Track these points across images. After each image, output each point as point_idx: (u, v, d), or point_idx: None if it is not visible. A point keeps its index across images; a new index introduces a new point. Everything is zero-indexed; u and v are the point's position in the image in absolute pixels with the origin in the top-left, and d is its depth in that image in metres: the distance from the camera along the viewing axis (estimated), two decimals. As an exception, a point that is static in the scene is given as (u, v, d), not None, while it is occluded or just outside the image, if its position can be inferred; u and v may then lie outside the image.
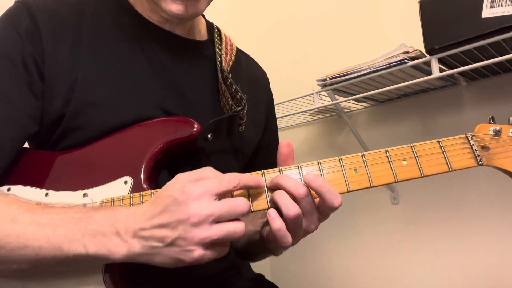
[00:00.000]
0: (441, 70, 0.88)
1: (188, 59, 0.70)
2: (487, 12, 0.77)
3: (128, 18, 0.67)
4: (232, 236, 0.47)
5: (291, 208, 0.50)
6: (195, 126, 0.61)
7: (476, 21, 0.78)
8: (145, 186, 0.57)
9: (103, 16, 0.66)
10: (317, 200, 0.53)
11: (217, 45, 0.74)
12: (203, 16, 0.80)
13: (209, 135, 0.62)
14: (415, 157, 0.55)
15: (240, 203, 0.49)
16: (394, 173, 0.54)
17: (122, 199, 0.55)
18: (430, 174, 0.54)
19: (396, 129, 1.24)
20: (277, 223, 0.50)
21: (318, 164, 0.55)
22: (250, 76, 0.81)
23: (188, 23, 0.71)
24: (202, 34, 0.76)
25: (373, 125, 1.30)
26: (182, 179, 0.49)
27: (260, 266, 0.86)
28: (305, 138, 1.47)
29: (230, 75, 0.69)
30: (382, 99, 1.23)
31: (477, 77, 1.06)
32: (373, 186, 0.54)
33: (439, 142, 0.56)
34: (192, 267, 0.64)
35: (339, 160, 0.55)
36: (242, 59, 0.82)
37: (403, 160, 0.55)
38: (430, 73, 0.88)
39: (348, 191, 0.53)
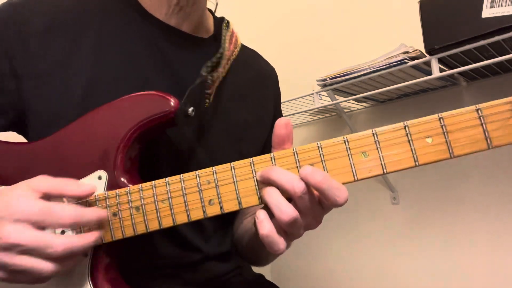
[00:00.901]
0: (441, 70, 0.88)
1: (193, 57, 0.69)
2: (487, 12, 0.77)
3: (134, 14, 0.66)
4: (35, 274, 0.44)
5: (285, 211, 0.42)
6: (172, 100, 0.51)
7: (476, 21, 0.78)
8: (123, 180, 0.50)
9: (107, 11, 0.65)
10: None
11: (224, 38, 0.71)
12: (212, 13, 0.78)
13: (190, 110, 0.54)
14: (443, 132, 0.43)
15: (54, 244, 0.43)
16: (415, 155, 0.43)
17: (98, 200, 0.48)
18: (462, 154, 0.42)
19: (396, 129, 1.24)
20: (264, 228, 0.43)
21: (319, 148, 0.45)
22: (258, 73, 0.80)
23: (195, 19, 0.70)
24: (210, 31, 0.75)
25: (373, 125, 1.29)
26: (16, 191, 0.45)
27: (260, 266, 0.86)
28: (305, 138, 1.46)
29: (212, 76, 0.64)
30: (382, 99, 1.23)
31: (477, 77, 1.06)
32: (386, 173, 0.44)
33: (477, 110, 0.42)
34: (193, 269, 0.64)
35: (345, 141, 0.44)
36: (249, 56, 0.81)
37: (428, 137, 0.43)
38: (430, 73, 0.88)
39: (356, 180, 0.44)
